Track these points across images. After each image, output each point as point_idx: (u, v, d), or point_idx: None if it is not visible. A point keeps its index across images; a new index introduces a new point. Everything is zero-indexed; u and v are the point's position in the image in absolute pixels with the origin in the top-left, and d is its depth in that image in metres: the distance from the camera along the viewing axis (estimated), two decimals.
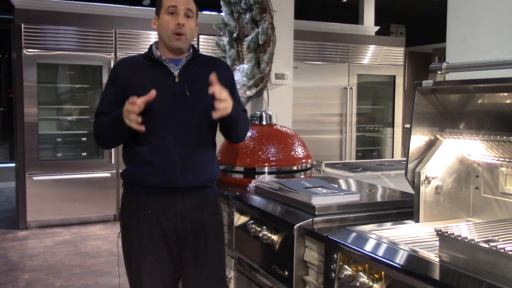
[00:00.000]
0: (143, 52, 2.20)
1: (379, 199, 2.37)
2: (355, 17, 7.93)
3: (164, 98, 2.03)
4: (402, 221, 1.95)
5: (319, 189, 2.19)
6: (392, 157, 7.51)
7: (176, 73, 2.09)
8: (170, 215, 2.06)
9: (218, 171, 2.23)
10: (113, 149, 5.98)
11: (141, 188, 2.07)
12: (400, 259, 1.49)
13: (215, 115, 1.99)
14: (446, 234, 1.42)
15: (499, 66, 1.68)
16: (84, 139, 6.22)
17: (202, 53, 2.27)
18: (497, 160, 1.81)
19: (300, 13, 4.81)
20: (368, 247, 1.61)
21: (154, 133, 2.04)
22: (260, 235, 2.16)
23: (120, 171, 5.96)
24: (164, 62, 2.10)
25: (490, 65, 1.72)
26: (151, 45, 2.15)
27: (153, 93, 1.93)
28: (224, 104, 1.98)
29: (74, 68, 6.18)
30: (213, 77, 1.98)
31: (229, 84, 2.17)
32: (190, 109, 2.07)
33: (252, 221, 2.27)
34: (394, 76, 7.64)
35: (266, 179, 2.52)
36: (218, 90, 1.97)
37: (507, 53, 1.85)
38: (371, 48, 7.41)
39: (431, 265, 1.42)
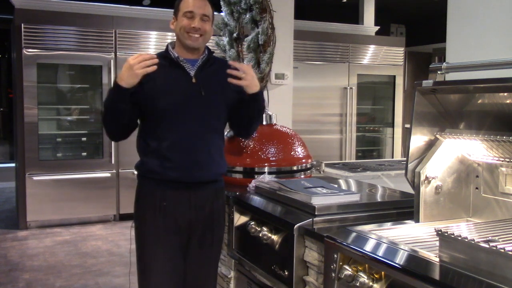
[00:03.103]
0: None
1: (379, 199, 2.36)
2: (355, 17, 7.93)
3: (181, 97, 2.15)
4: (402, 221, 1.95)
5: (319, 189, 2.19)
6: (392, 157, 7.51)
7: (192, 73, 2.18)
8: (185, 209, 2.16)
9: (226, 165, 2.35)
10: (113, 149, 5.98)
11: (157, 182, 2.15)
12: (400, 259, 1.49)
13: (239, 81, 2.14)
14: (446, 234, 1.42)
15: (499, 66, 1.68)
16: (84, 139, 6.21)
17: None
18: (497, 160, 1.81)
19: (300, 13, 4.81)
20: (368, 247, 1.61)
21: (171, 130, 2.14)
22: (260, 235, 2.16)
23: (120, 169, 6.03)
24: (181, 63, 2.19)
25: (490, 65, 1.72)
26: (167, 45, 2.24)
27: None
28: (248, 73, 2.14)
29: (74, 68, 6.17)
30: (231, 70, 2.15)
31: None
32: (205, 108, 2.18)
33: (252, 221, 2.28)
34: (394, 76, 7.64)
35: (266, 179, 2.52)
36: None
37: (507, 53, 1.85)
38: (371, 48, 7.41)
39: (431, 265, 1.42)
